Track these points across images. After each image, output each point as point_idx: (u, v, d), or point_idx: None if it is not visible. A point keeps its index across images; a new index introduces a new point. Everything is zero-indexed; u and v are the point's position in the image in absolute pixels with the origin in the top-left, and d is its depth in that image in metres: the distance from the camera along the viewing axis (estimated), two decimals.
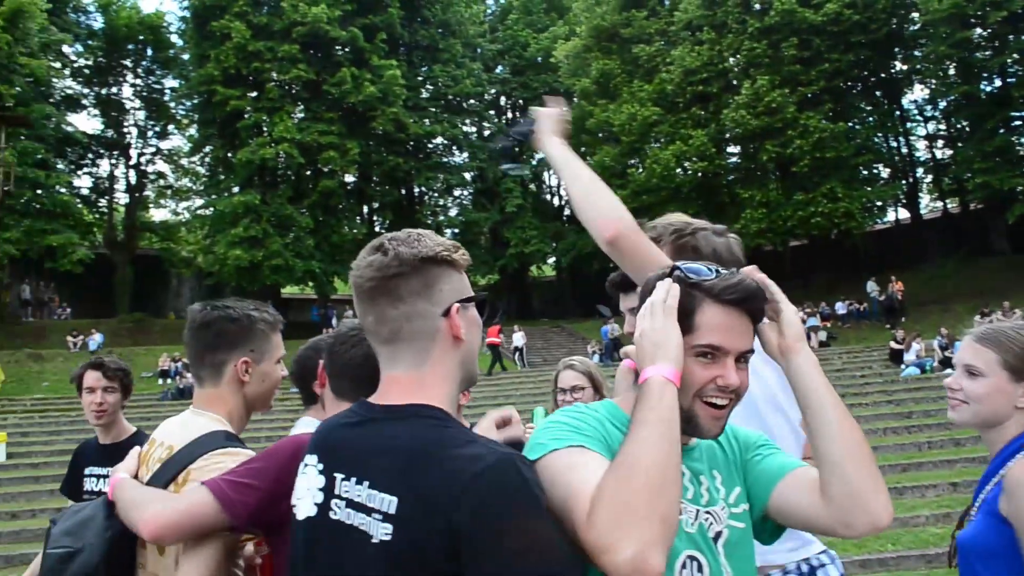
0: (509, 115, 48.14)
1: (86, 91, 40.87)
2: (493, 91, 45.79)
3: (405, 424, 1.49)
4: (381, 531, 1.39)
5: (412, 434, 1.46)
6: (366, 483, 1.45)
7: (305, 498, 1.56)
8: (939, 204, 41.51)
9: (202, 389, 2.34)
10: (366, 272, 1.57)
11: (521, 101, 46.54)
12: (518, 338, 30.38)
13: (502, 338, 29.85)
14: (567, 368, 3.98)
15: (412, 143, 40.67)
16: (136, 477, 2.24)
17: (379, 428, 1.51)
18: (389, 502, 1.40)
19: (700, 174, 34.53)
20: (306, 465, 1.60)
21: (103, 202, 41.62)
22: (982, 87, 33.14)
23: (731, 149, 37.14)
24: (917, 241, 37.15)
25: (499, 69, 45.88)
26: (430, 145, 42.89)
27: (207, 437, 2.19)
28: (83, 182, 40.98)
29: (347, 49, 37.78)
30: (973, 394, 2.16)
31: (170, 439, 2.26)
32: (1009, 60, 31.61)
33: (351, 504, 1.47)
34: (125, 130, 41.67)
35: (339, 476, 1.51)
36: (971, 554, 2.06)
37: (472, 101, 43.70)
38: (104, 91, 41.09)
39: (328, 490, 1.53)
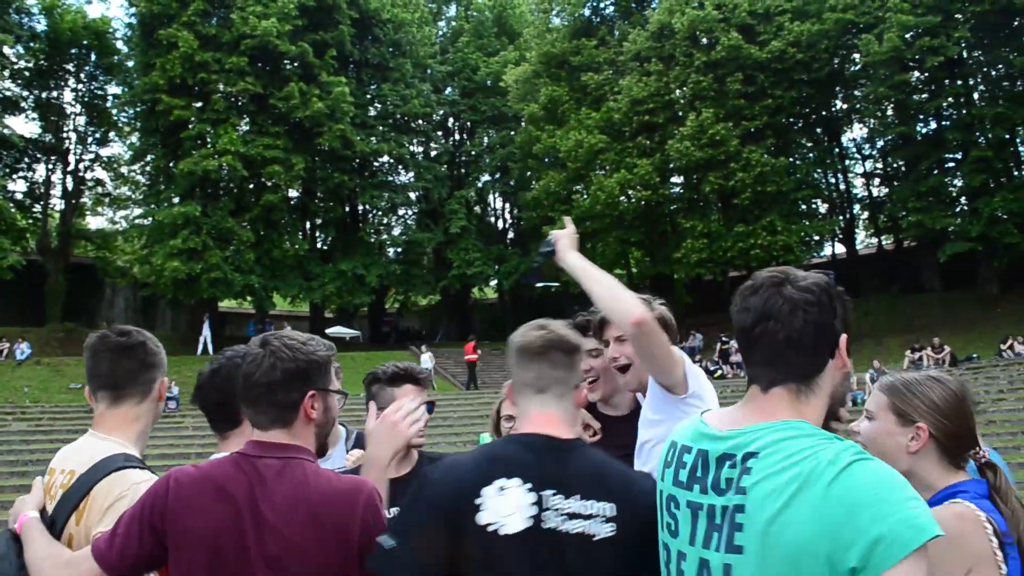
0: (456, 137, 48.25)
1: (25, 94, 39.86)
2: (441, 112, 45.85)
3: (580, 452, 2.10)
4: (605, 529, 1.95)
5: (595, 459, 2.09)
6: (577, 496, 1.98)
7: (514, 514, 1.97)
8: (874, 240, 42.56)
9: (116, 410, 2.38)
10: (537, 339, 2.19)
11: (469, 123, 46.71)
12: (425, 360, 28.84)
13: (478, 354, 30.20)
14: None
15: (358, 160, 40.47)
16: (43, 509, 2.24)
17: (568, 455, 2.06)
18: (609, 507, 1.97)
19: (644, 203, 34.92)
20: (503, 488, 1.99)
21: (37, 208, 40.53)
22: (918, 128, 34.20)
23: (675, 179, 37.62)
24: (852, 276, 37.97)
25: (448, 91, 45.99)
26: (376, 163, 42.75)
27: (106, 460, 2.21)
28: (17, 186, 39.89)
29: (296, 64, 37.51)
30: (864, 435, 2.29)
31: (70, 465, 2.26)
32: (944, 104, 32.76)
33: (565, 514, 1.97)
34: (64, 135, 40.67)
35: (548, 493, 1.98)
36: None
37: (420, 121, 43.65)
38: (44, 94, 40.06)
39: (539, 505, 1.97)
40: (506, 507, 1.96)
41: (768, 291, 1.76)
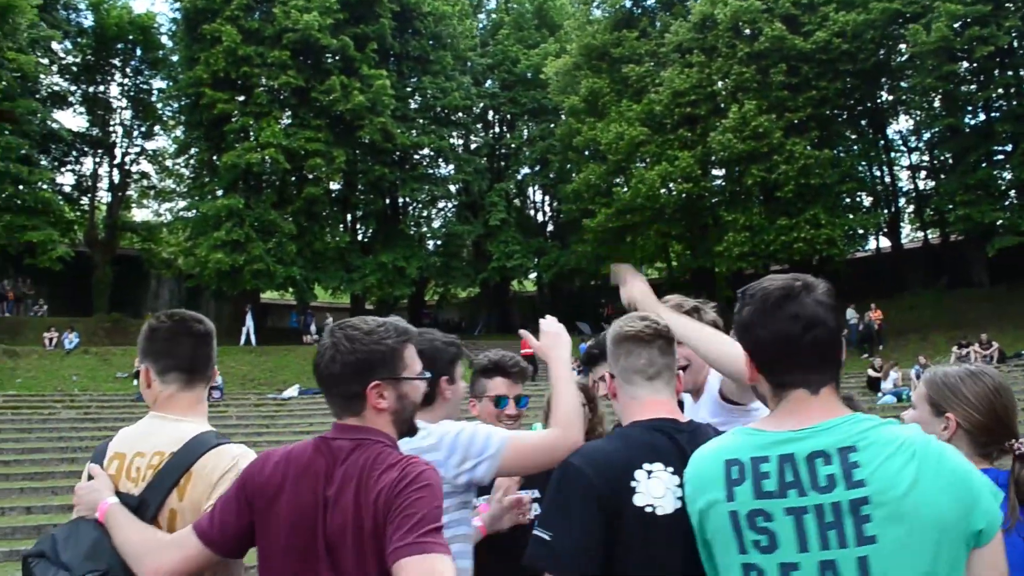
0: (496, 129, 48.27)
1: (73, 88, 40.57)
2: (481, 104, 45.83)
3: (702, 432, 2.25)
4: None
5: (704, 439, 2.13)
6: None
7: (666, 496, 2.07)
8: (920, 234, 41.86)
9: (179, 393, 2.45)
10: (646, 328, 2.35)
11: (509, 116, 46.70)
12: None
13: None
14: None
15: (398, 153, 40.66)
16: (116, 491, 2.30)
17: (695, 437, 2.19)
18: None
19: (685, 195, 34.59)
20: (651, 473, 2.10)
21: (85, 200, 41.28)
22: (966, 120, 33.50)
23: (716, 172, 37.26)
24: (897, 270, 37.43)
25: (488, 83, 45.97)
26: (416, 156, 42.88)
27: (200, 438, 2.28)
28: (66, 179, 40.72)
29: (337, 57, 37.75)
30: (907, 422, 2.28)
31: (154, 447, 2.31)
32: (994, 95, 32.02)
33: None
34: (110, 129, 41.33)
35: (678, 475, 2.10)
36: None
37: (460, 114, 43.68)
38: (91, 89, 40.78)
39: (683, 487, 2.03)
40: (658, 489, 2.08)
41: (806, 297, 1.83)
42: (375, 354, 2.10)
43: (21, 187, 33.70)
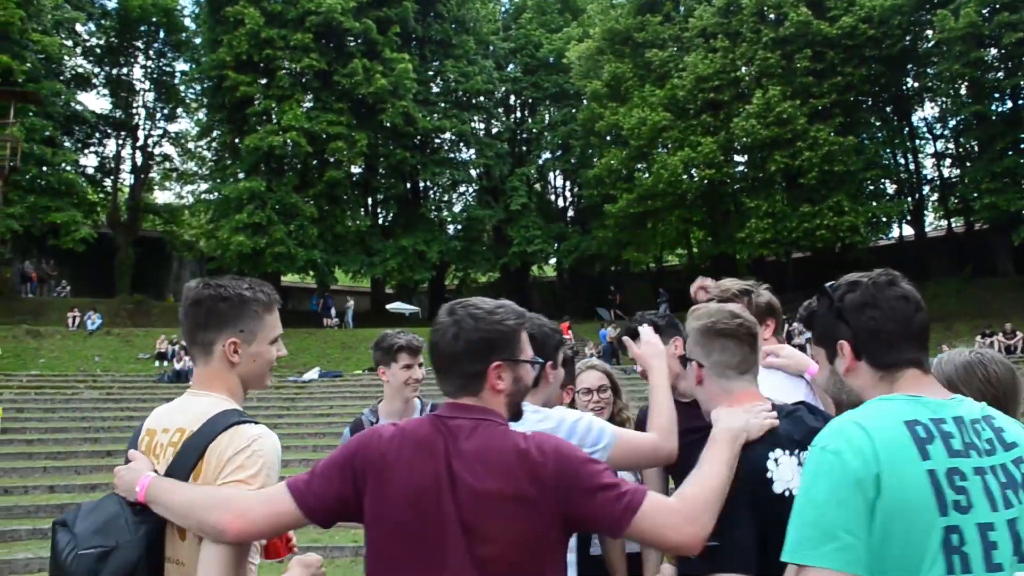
0: (518, 114, 48.15)
1: (96, 70, 40.81)
2: (503, 89, 45.71)
3: (804, 414, 2.38)
4: None
5: (813, 420, 2.31)
6: None
7: (794, 479, 2.15)
8: (944, 223, 41.47)
9: (198, 368, 2.33)
10: (739, 325, 2.40)
11: (531, 100, 46.56)
12: None
13: (570, 334, 30.09)
14: (590, 369, 3.97)
15: (420, 137, 40.68)
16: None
17: (798, 418, 2.35)
18: None
19: (707, 181, 34.43)
20: (777, 460, 2.20)
21: (108, 182, 41.54)
22: (993, 107, 33.07)
23: (739, 158, 37.06)
24: (921, 259, 37.11)
25: (511, 67, 45.83)
26: (438, 140, 42.89)
27: (219, 416, 2.18)
28: (89, 161, 40.98)
29: (360, 40, 37.75)
30: None
31: (176, 423, 2.24)
32: (1022, 82, 31.58)
33: None
34: (133, 111, 41.56)
35: (804, 455, 2.18)
36: None
37: (482, 98, 43.62)
38: (114, 71, 41.02)
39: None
40: (788, 473, 2.18)
41: (907, 283, 1.90)
42: (498, 334, 2.08)
43: (45, 168, 33.99)
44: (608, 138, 38.59)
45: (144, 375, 26.11)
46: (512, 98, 47.62)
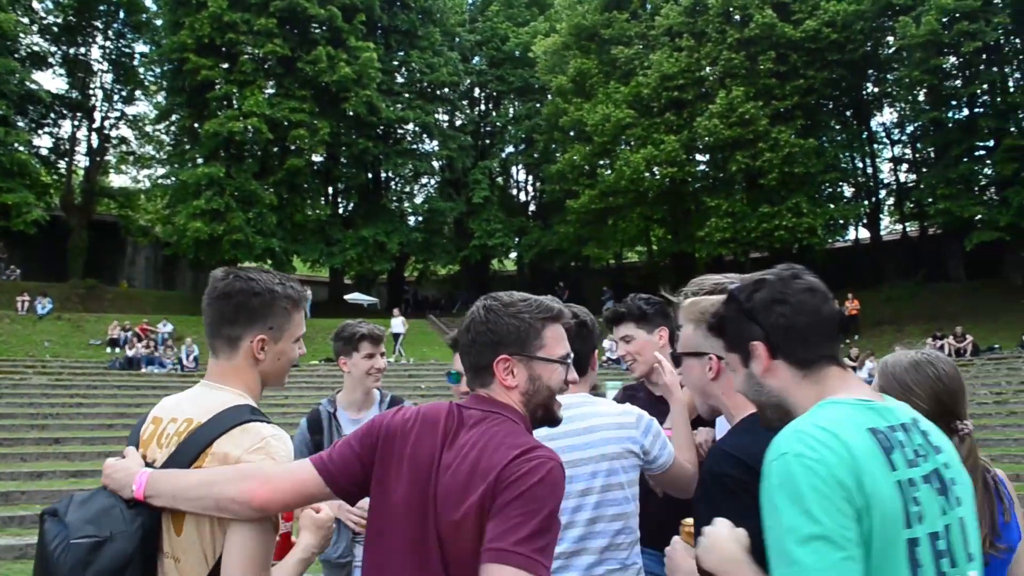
0: (482, 107, 48.06)
1: (53, 49, 39.80)
2: (468, 81, 45.64)
3: None
4: None
5: None
6: None
7: None
8: (899, 227, 42.17)
9: (217, 361, 2.25)
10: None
11: (496, 94, 46.50)
12: (397, 324, 29.40)
13: None
14: None
15: (383, 127, 40.41)
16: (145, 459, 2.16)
17: None
18: None
19: (669, 180, 34.64)
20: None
21: (62, 164, 40.60)
22: (950, 115, 33.69)
23: (701, 157, 37.35)
24: (875, 262, 37.68)
25: (476, 60, 45.75)
26: (401, 131, 42.69)
27: (231, 411, 2.12)
28: (43, 142, 39.99)
29: (324, 28, 37.40)
30: None
31: (185, 413, 2.17)
32: (978, 91, 32.24)
33: None
34: (90, 92, 40.64)
35: None
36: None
37: (446, 90, 43.44)
38: (72, 51, 40.01)
39: None
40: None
41: (810, 276, 1.86)
42: (507, 327, 2.03)
43: None
44: (572, 134, 38.66)
45: (95, 361, 25.66)
46: (477, 91, 47.57)
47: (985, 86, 32.36)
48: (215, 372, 2.25)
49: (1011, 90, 32.29)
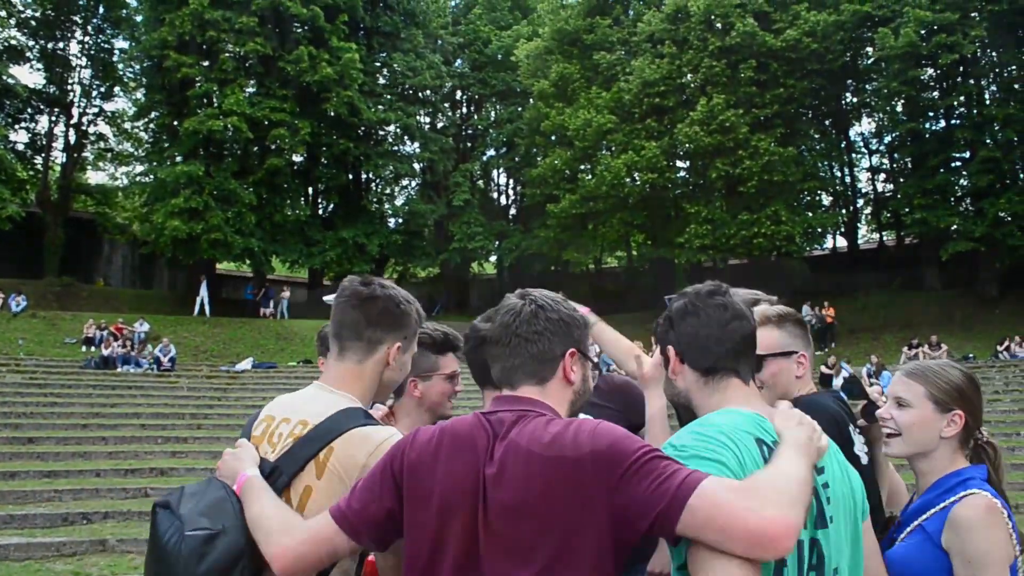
0: (464, 110, 48.03)
1: (31, 43, 39.34)
2: (450, 84, 45.57)
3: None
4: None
5: None
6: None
7: (864, 449, 2.66)
8: (876, 236, 42.57)
9: (342, 363, 2.30)
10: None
11: (477, 97, 46.53)
12: None
13: None
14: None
15: (364, 128, 40.28)
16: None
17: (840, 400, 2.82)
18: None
19: (649, 186, 34.75)
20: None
21: (39, 159, 40.14)
22: (927, 126, 34.09)
23: (681, 164, 37.49)
24: (852, 270, 37.99)
25: (458, 63, 45.74)
26: (382, 132, 42.56)
27: (346, 413, 2.16)
28: (19, 137, 39.45)
29: (306, 27, 37.23)
30: (902, 423, 2.39)
31: (299, 415, 2.22)
32: (955, 102, 32.64)
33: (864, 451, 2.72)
34: (68, 87, 40.16)
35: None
36: (903, 572, 2.25)
37: (428, 92, 43.41)
38: (50, 45, 39.56)
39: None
40: (860, 444, 2.60)
41: (731, 296, 2.00)
42: (576, 321, 1.96)
43: None
44: (553, 138, 38.73)
45: (70, 360, 25.42)
46: (459, 93, 47.56)
47: (962, 98, 32.80)
48: (335, 374, 2.31)
49: (987, 102, 32.75)
